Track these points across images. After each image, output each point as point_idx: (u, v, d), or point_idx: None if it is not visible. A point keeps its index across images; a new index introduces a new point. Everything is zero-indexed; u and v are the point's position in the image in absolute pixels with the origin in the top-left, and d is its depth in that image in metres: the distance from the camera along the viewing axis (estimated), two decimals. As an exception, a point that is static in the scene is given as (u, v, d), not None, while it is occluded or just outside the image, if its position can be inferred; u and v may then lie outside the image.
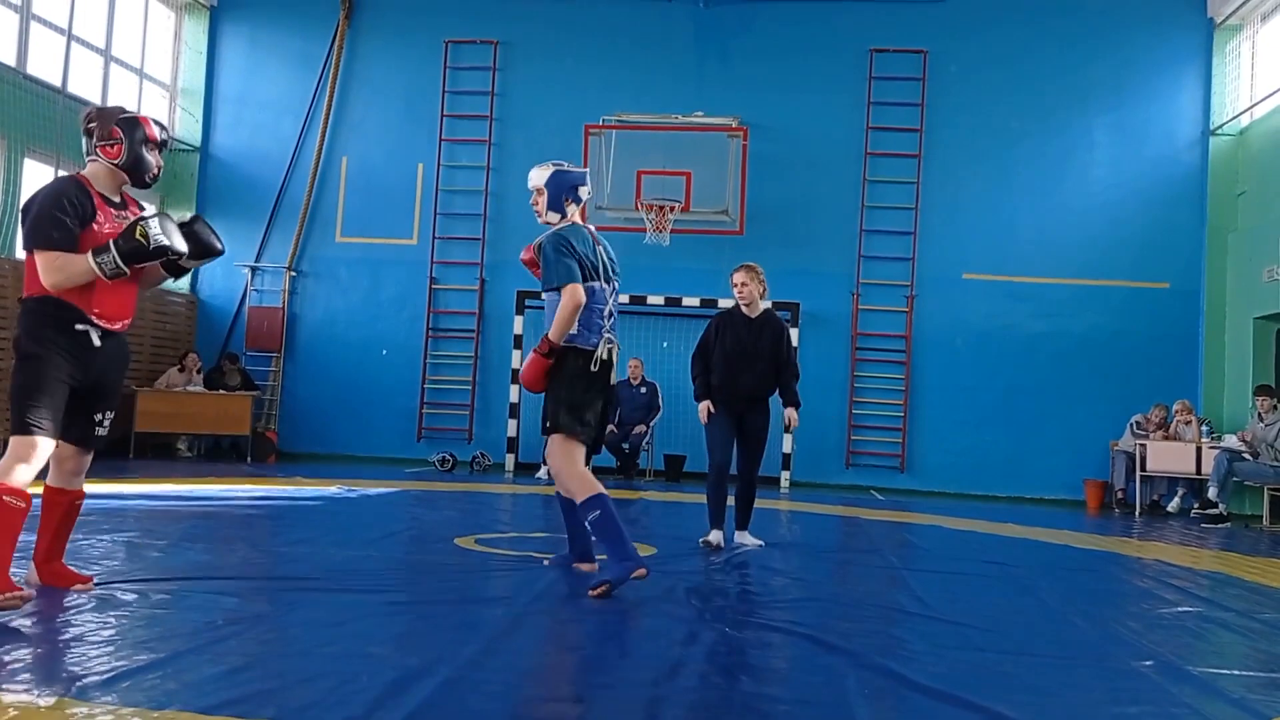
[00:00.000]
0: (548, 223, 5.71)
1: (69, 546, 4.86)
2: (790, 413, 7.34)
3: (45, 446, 4.36)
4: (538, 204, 5.73)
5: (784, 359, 7.29)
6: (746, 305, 7.31)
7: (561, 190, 5.71)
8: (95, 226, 4.30)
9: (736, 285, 7.30)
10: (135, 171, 4.54)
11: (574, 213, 5.72)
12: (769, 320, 7.37)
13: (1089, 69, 13.90)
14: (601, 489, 5.17)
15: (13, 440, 4.31)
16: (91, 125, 4.48)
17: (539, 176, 5.76)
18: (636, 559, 5.16)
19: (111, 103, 13.52)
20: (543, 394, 5.42)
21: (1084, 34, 13.94)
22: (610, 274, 5.57)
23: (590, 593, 4.97)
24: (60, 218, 4.21)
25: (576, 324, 5.27)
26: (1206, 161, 13.66)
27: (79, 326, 4.28)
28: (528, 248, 5.82)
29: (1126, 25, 13.92)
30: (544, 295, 5.45)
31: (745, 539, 7.33)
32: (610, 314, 5.47)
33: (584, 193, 5.78)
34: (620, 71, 14.44)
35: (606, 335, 5.41)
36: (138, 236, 4.24)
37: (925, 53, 14.08)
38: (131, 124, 4.52)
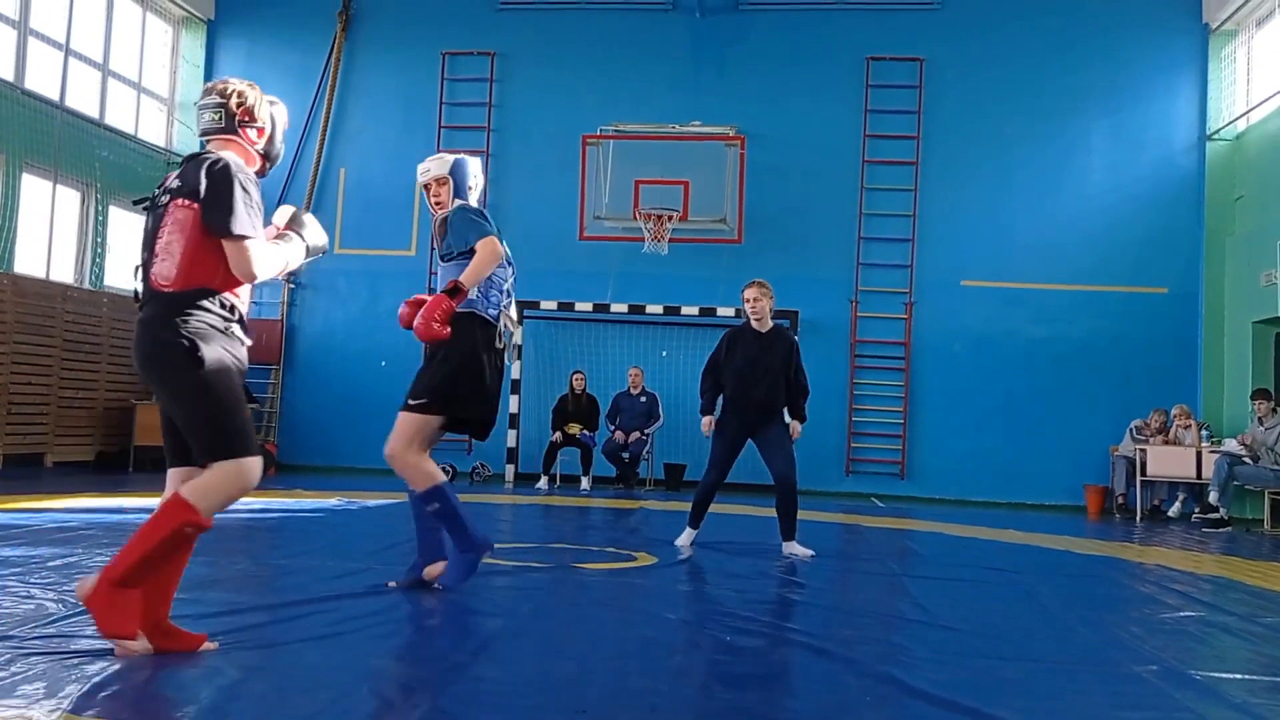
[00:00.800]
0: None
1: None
2: (795, 425, 7.52)
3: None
4: (440, 195, 5.53)
5: (794, 375, 7.42)
6: (757, 320, 7.42)
7: (465, 178, 5.61)
8: None
9: (749, 301, 7.42)
10: (269, 159, 4.04)
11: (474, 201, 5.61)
12: (780, 335, 7.49)
13: (1085, 75, 13.93)
14: (442, 479, 5.17)
15: (225, 466, 3.85)
16: (233, 102, 3.86)
17: (440, 166, 5.55)
18: (485, 543, 5.20)
19: (108, 116, 13.56)
20: (434, 357, 5.32)
21: (1080, 40, 13.98)
22: (509, 259, 5.55)
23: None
24: (253, 203, 3.71)
25: (476, 289, 5.15)
26: (1204, 166, 13.68)
27: (236, 328, 3.78)
28: (408, 303, 5.55)
29: (1122, 31, 13.95)
30: (442, 264, 5.37)
31: (794, 549, 7.37)
32: (509, 294, 5.47)
33: (479, 181, 5.71)
34: (617, 82, 14.47)
35: (506, 313, 5.36)
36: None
37: (922, 60, 14.11)
38: (277, 106, 4.06)
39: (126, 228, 14.36)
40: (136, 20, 14.28)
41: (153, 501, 9.35)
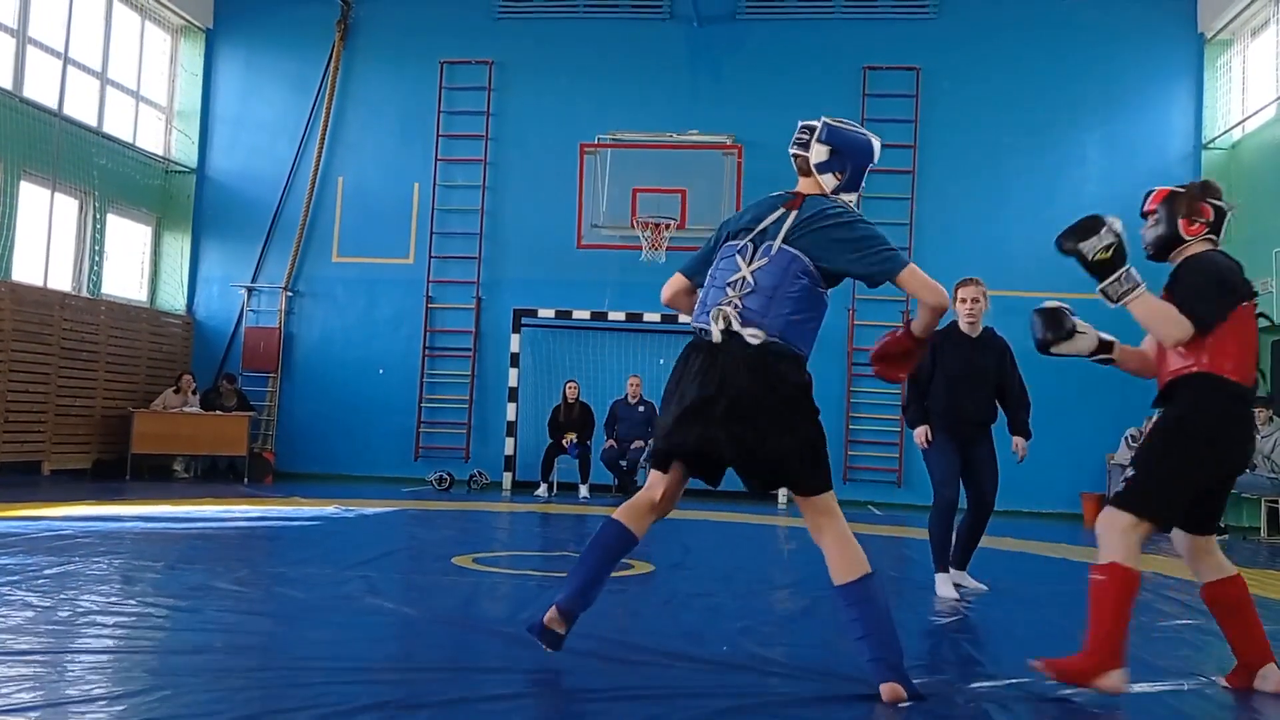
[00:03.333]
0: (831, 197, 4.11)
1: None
2: (1020, 441, 6.74)
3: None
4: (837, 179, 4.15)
5: (1011, 383, 6.67)
6: (971, 323, 6.59)
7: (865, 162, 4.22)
8: None
9: (966, 301, 6.56)
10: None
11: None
12: (993, 339, 6.71)
13: (1081, 84, 13.97)
14: None
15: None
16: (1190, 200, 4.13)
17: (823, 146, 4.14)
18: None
19: (107, 124, 13.57)
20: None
21: (1075, 49, 14.01)
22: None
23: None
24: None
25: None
26: (1199, 175, 13.68)
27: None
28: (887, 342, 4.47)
29: (1117, 40, 13.99)
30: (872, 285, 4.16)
31: (966, 581, 6.52)
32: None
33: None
34: (615, 90, 14.49)
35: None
36: None
37: (918, 70, 14.15)
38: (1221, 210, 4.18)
39: (124, 236, 14.38)
40: (135, 29, 14.31)
41: (149, 509, 9.33)
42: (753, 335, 3.81)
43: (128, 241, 14.50)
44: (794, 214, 3.99)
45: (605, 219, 13.45)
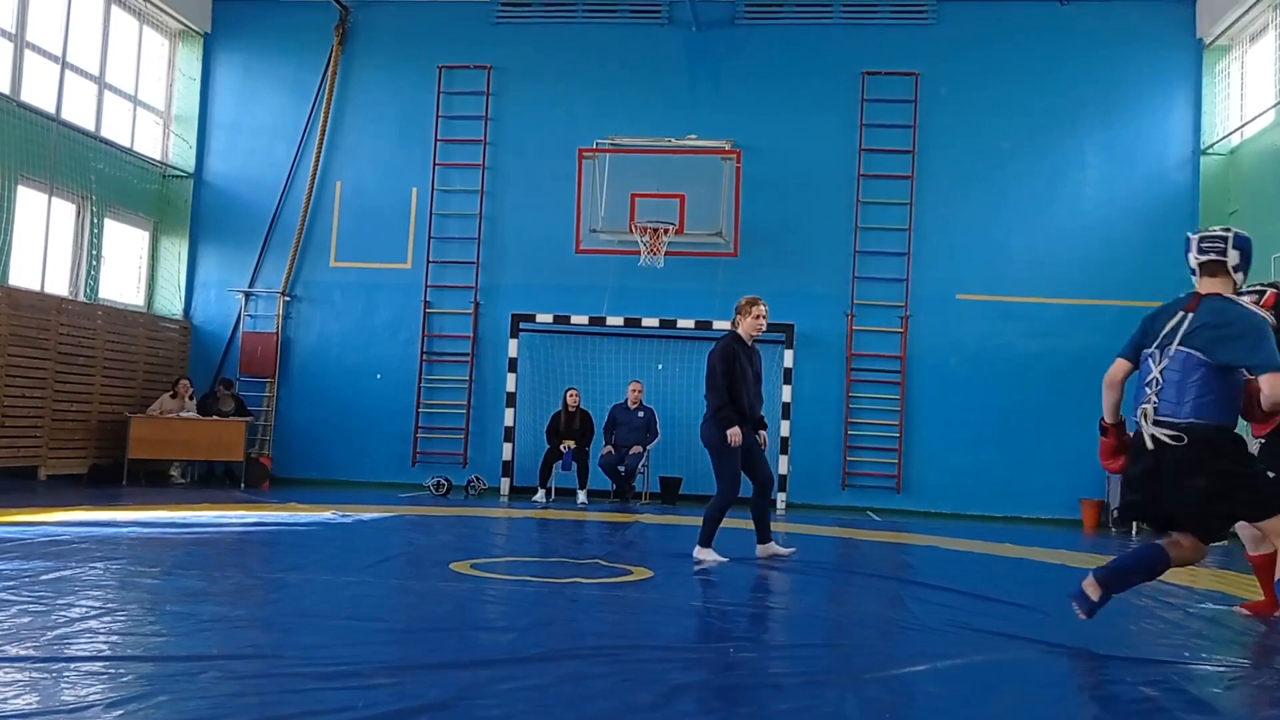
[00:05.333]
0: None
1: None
2: (764, 434, 7.99)
3: None
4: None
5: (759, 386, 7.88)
6: (755, 335, 7.76)
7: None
8: None
9: (762, 316, 7.76)
10: None
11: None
12: (757, 348, 7.95)
13: (1079, 89, 13.97)
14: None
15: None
16: None
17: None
18: None
19: (104, 129, 13.56)
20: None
21: (1074, 55, 14.02)
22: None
23: None
24: None
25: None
26: (1198, 180, 13.72)
27: None
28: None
29: (1116, 46, 13.99)
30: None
31: (779, 549, 7.81)
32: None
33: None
34: (613, 95, 14.49)
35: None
36: None
37: (917, 75, 14.15)
38: None
39: (122, 240, 14.36)
40: (133, 33, 14.29)
41: (145, 514, 9.31)
42: None
43: (125, 246, 14.47)
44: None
45: (604, 224, 13.44)
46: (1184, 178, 13.78)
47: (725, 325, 13.50)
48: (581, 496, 12.92)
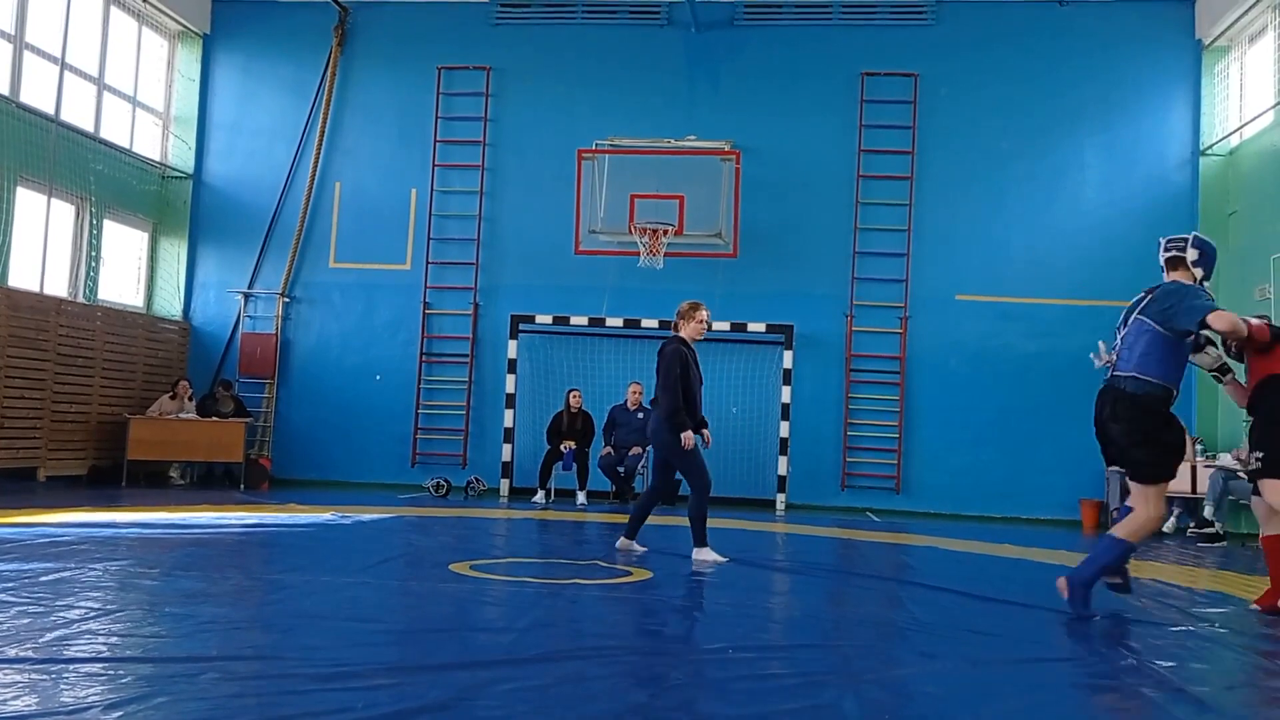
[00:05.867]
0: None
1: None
2: (707, 433, 8.13)
3: None
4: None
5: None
6: (697, 339, 7.90)
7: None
8: None
9: (705, 321, 7.88)
10: None
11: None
12: (695, 350, 8.04)
13: (1078, 90, 13.98)
14: None
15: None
16: None
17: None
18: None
19: (104, 130, 13.56)
20: None
21: (1073, 56, 14.02)
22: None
23: None
24: None
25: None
26: (1197, 181, 13.72)
27: None
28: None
29: (1115, 47, 14.00)
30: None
31: (637, 548, 7.91)
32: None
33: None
34: (612, 96, 14.49)
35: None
36: None
37: (916, 76, 14.16)
38: None
39: (121, 241, 14.36)
40: (132, 34, 14.29)
41: (145, 515, 9.31)
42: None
43: (124, 247, 14.47)
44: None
45: (603, 225, 13.44)
46: (1183, 178, 13.79)
47: (724, 326, 13.67)
48: (581, 498, 12.92)
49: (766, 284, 13.96)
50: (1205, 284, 6.00)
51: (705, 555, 7.55)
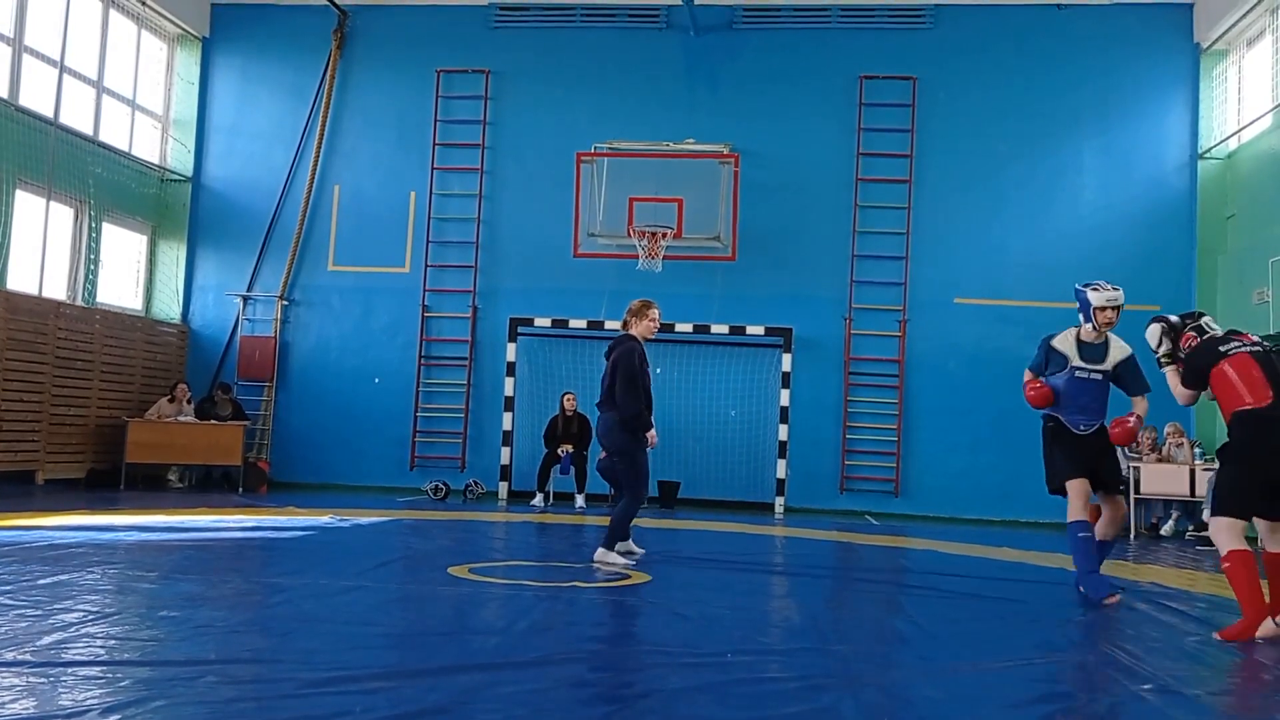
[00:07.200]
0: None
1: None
2: (653, 434, 7.81)
3: None
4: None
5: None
6: (648, 339, 7.74)
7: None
8: None
9: (656, 320, 7.76)
10: None
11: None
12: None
13: (1077, 93, 13.99)
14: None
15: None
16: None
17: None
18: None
19: (103, 133, 13.56)
20: None
21: (1072, 59, 14.04)
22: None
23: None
24: None
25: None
26: (1195, 184, 13.73)
27: None
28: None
29: (1114, 50, 14.01)
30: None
31: (634, 548, 7.79)
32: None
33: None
34: (611, 99, 14.50)
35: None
36: None
37: (915, 79, 14.17)
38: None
39: (120, 245, 14.35)
40: (131, 37, 14.29)
41: (143, 518, 9.30)
42: None
43: (123, 250, 14.47)
44: None
45: (602, 228, 13.44)
46: (1181, 182, 13.79)
47: (723, 329, 13.68)
48: (579, 500, 12.91)
49: (765, 287, 13.96)
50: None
51: (611, 558, 7.35)
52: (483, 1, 14.86)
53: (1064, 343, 7.22)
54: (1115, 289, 7.15)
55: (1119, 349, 7.29)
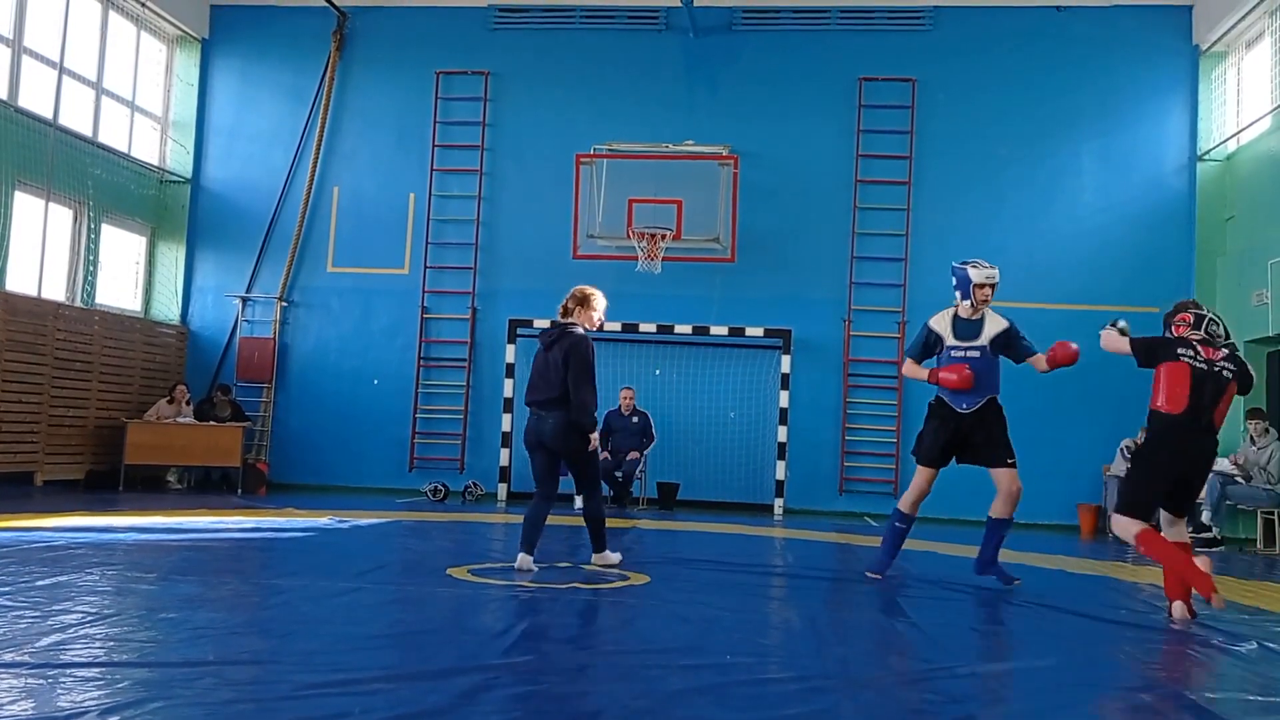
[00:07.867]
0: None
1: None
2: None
3: None
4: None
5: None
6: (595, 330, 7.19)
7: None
8: None
9: (604, 314, 7.25)
10: None
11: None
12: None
13: (1076, 95, 13.99)
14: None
15: None
16: None
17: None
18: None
19: (102, 134, 13.55)
20: None
21: (1071, 61, 14.04)
22: None
23: None
24: None
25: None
26: (1194, 186, 13.73)
27: None
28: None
29: (1113, 52, 14.01)
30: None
31: (612, 558, 7.37)
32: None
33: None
34: (611, 101, 14.50)
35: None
36: None
37: (914, 81, 14.17)
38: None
39: (119, 246, 14.35)
40: (131, 39, 14.29)
41: (142, 520, 9.29)
42: None
43: (122, 251, 14.47)
44: None
45: (601, 229, 13.45)
46: (1181, 184, 13.80)
47: (722, 331, 13.68)
48: (579, 503, 12.87)
49: (764, 289, 13.96)
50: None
51: (609, 558, 7.26)
52: (482, 3, 14.87)
53: (940, 323, 7.46)
54: (992, 267, 7.54)
55: (995, 323, 7.34)
